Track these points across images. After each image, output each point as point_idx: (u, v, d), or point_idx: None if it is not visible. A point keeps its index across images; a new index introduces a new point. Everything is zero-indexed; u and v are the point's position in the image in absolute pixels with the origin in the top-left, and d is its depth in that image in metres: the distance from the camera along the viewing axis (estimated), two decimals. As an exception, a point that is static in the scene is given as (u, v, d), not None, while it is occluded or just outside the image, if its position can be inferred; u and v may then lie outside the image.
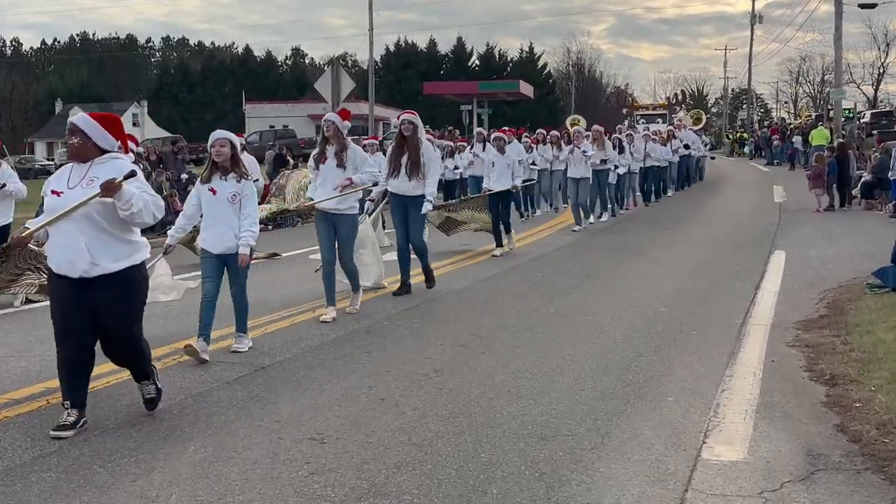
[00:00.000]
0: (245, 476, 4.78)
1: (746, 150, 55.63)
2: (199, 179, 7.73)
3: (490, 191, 13.85)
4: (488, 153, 14.83)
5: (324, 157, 9.23)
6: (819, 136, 34.09)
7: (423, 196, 10.17)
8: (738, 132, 65.76)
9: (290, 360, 7.34)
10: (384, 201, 11.54)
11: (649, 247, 14.76)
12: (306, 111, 65.11)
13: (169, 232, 7.88)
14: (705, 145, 38.58)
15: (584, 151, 17.11)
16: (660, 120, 49.94)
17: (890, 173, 19.13)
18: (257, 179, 13.31)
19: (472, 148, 19.00)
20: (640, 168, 22.70)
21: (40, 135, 77.65)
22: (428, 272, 10.69)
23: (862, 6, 37.29)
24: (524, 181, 17.40)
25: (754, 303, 9.49)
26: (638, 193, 23.20)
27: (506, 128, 24.17)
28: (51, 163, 54.92)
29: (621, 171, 20.25)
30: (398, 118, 10.45)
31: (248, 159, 13.37)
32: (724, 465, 4.87)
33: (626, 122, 54.85)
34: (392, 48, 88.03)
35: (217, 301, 7.54)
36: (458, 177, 21.93)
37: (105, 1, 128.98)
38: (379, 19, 44.91)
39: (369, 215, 11.46)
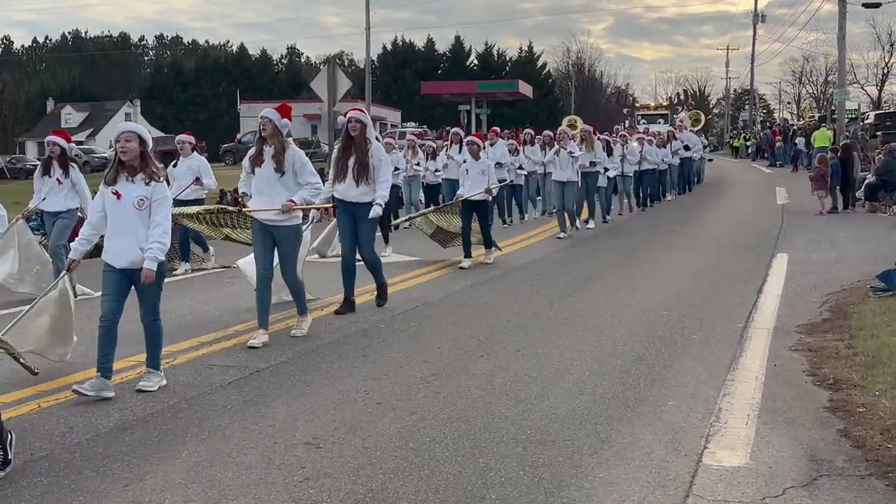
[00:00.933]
0: (239, 481, 4.70)
1: (749, 150, 55.56)
2: (103, 181, 6.55)
3: (462, 198, 12.87)
4: (462, 157, 13.97)
5: (260, 159, 8.19)
6: (822, 137, 33.99)
7: (372, 203, 9.29)
8: (739, 134, 65.65)
9: (285, 364, 7.26)
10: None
11: (651, 249, 14.68)
12: (302, 111, 64.95)
13: (72, 245, 6.73)
14: (705, 147, 38.20)
15: (570, 153, 16.23)
16: (661, 120, 49.91)
17: None
18: (200, 182, 12.67)
19: (447, 149, 18.25)
20: (635, 171, 21.99)
21: (32, 134, 77.47)
22: (381, 287, 9.78)
23: (866, 6, 37.18)
24: (501, 182, 16.89)
25: (756, 306, 9.41)
26: (633, 198, 22.40)
27: (496, 128, 23.92)
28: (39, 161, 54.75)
29: (612, 173, 19.68)
30: (345, 115, 9.45)
31: (199, 160, 12.96)
32: (725, 471, 4.79)
33: (626, 123, 54.86)
34: (389, 47, 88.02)
35: (118, 323, 6.45)
36: (440, 180, 21.09)
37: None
38: (375, 18, 44.92)
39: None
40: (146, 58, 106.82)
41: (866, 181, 21.31)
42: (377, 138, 10.45)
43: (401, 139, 25.79)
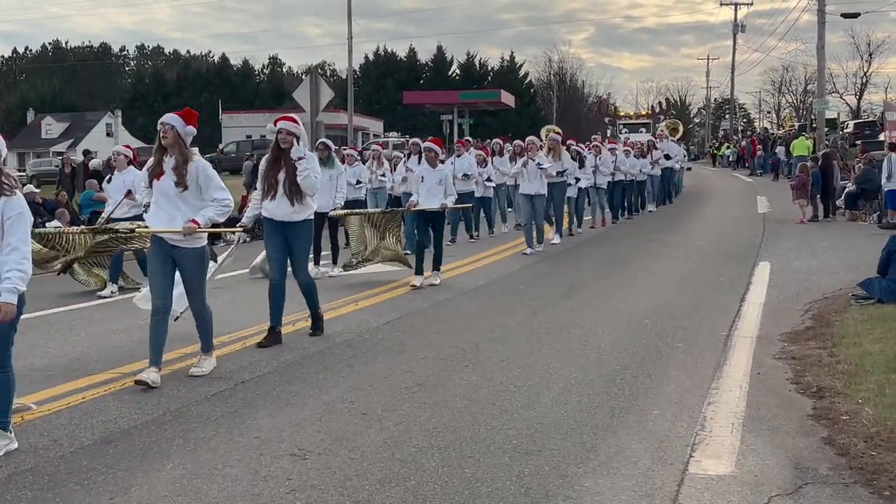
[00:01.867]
0: (225, 493, 4.68)
1: (730, 159, 55.82)
2: None
3: (416, 206, 11.97)
4: (421, 166, 12.85)
5: (159, 171, 7.17)
6: (801, 146, 34.22)
7: (306, 221, 8.54)
8: (722, 143, 66.00)
9: (270, 375, 7.23)
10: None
11: (633, 259, 14.74)
12: (283, 121, 64.87)
13: None
14: (685, 156, 37.94)
15: (538, 164, 15.32)
16: (643, 129, 49.99)
17: (885, 182, 19.00)
18: (133, 197, 11.52)
19: (405, 161, 17.28)
20: (609, 182, 21.10)
21: (12, 145, 76.85)
22: (316, 315, 8.91)
23: (845, 16, 37.59)
24: (467, 194, 16.45)
25: (740, 315, 9.45)
26: (607, 210, 21.34)
27: (468, 139, 23.59)
28: (22, 173, 54.49)
29: (583, 184, 19.02)
30: (274, 124, 8.58)
31: (133, 174, 11.73)
32: (711, 480, 4.80)
33: (609, 132, 54.94)
34: (371, 57, 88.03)
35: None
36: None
37: (75, 9, 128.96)
38: (356, 28, 44.87)
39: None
40: (127, 68, 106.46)
41: (846, 190, 21.50)
42: (346, 149, 10.47)
43: (385, 149, 25.62)
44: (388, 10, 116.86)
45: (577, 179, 18.38)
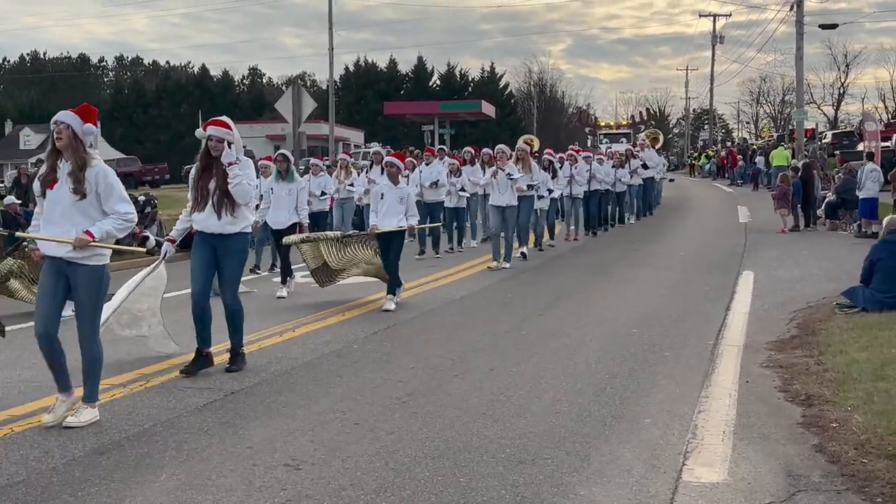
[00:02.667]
0: (219, 504, 4.67)
1: (707, 168, 56.14)
2: None
3: (377, 229, 11.05)
4: (381, 181, 11.96)
5: (53, 178, 6.23)
6: (780, 156, 34.47)
7: (240, 235, 7.67)
8: (702, 152, 66.38)
9: (260, 385, 7.21)
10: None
11: (617, 268, 14.80)
12: (265, 132, 64.86)
13: None
14: (665, 166, 37.71)
15: (508, 175, 14.56)
16: (624, 139, 50.22)
17: (858, 191, 19.33)
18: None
19: (367, 171, 16.70)
20: (585, 192, 20.19)
21: (-11, 155, 76.63)
22: (237, 347, 7.82)
23: (823, 27, 37.94)
24: (435, 204, 16.18)
25: (725, 324, 9.51)
26: (581, 222, 20.56)
27: (442, 147, 22.98)
28: (0, 184, 54.14)
29: (556, 194, 18.18)
30: (203, 129, 7.73)
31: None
32: (705, 487, 4.83)
33: (589, 142, 55.10)
34: (351, 68, 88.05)
35: None
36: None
37: (51, 20, 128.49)
38: (336, 39, 44.84)
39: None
40: (106, 79, 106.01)
41: (826, 200, 21.67)
42: (298, 156, 10.23)
43: (364, 160, 25.53)
44: (368, 21, 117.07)
45: (550, 191, 17.62)
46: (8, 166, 68.91)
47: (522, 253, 15.82)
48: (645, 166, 25.71)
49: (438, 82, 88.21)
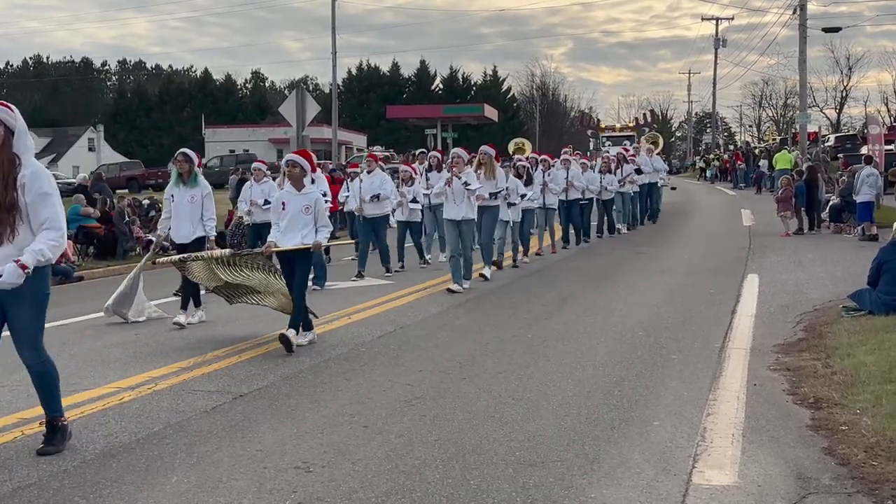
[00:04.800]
0: (230, 507, 4.68)
1: (708, 173, 56.15)
2: None
3: (273, 247, 9.05)
4: (285, 188, 9.57)
5: None
6: (783, 159, 34.46)
7: (37, 274, 5.39)
8: (703, 156, 66.39)
9: (268, 388, 7.23)
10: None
11: (623, 272, 14.80)
12: (267, 135, 65.04)
13: None
14: (667, 172, 35.64)
15: (465, 184, 12.58)
16: (627, 142, 50.23)
17: (854, 195, 19.42)
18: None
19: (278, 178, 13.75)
20: (562, 202, 18.30)
21: (-6, 160, 76.60)
22: (53, 418, 5.71)
23: (826, 30, 37.97)
24: (379, 219, 14.60)
25: (732, 327, 9.51)
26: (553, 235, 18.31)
27: (377, 149, 18.83)
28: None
29: (524, 204, 15.64)
30: None
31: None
32: (715, 490, 4.83)
33: (592, 145, 55.00)
34: (354, 72, 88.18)
35: None
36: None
37: (52, 24, 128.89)
38: (338, 42, 44.91)
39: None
40: (109, 83, 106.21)
41: (830, 203, 21.67)
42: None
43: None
44: (369, 25, 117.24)
45: (523, 196, 15.42)
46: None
47: (482, 275, 13.72)
48: (638, 171, 23.26)
49: (441, 86, 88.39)
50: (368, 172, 15.21)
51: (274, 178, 15.65)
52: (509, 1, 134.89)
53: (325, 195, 12.86)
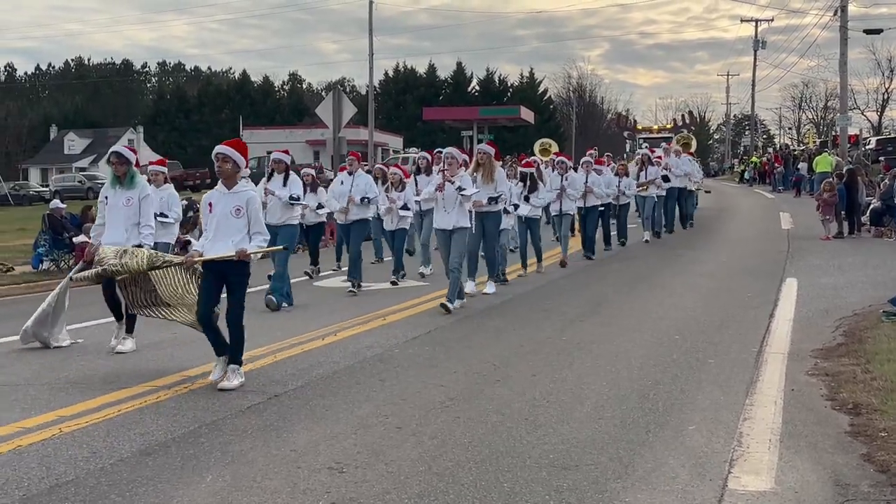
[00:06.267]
0: (264, 506, 4.69)
1: (746, 175, 55.64)
2: None
3: (196, 257, 7.72)
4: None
5: None
6: (824, 162, 34.05)
7: None
8: (742, 159, 65.84)
9: (303, 389, 7.25)
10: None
11: (659, 275, 14.70)
12: (304, 137, 65.36)
13: None
14: (702, 175, 32.53)
15: (459, 188, 11.20)
16: (664, 144, 49.80)
17: (895, 199, 19.12)
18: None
19: (267, 180, 12.53)
20: (581, 208, 17.02)
21: (35, 161, 77.82)
22: None
23: (867, 32, 37.48)
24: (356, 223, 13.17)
25: (769, 331, 9.41)
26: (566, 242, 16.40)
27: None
28: (45, 189, 54.98)
29: (524, 210, 14.28)
30: None
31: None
32: (752, 496, 4.78)
33: (628, 147, 54.60)
34: (391, 73, 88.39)
35: None
36: (324, 219, 15.57)
37: (92, 26, 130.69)
38: (375, 44, 45.09)
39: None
40: (149, 84, 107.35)
41: (871, 206, 21.39)
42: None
43: (404, 164, 24.31)
44: (405, 27, 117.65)
45: (516, 206, 13.86)
46: (53, 171, 70.04)
47: (484, 293, 12.48)
48: (666, 178, 21.25)
49: (477, 88, 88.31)
50: (350, 173, 13.75)
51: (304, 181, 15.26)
52: (545, 3, 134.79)
53: (297, 199, 12.16)
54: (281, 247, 10.39)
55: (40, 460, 5.41)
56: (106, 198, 9.34)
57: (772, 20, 79.03)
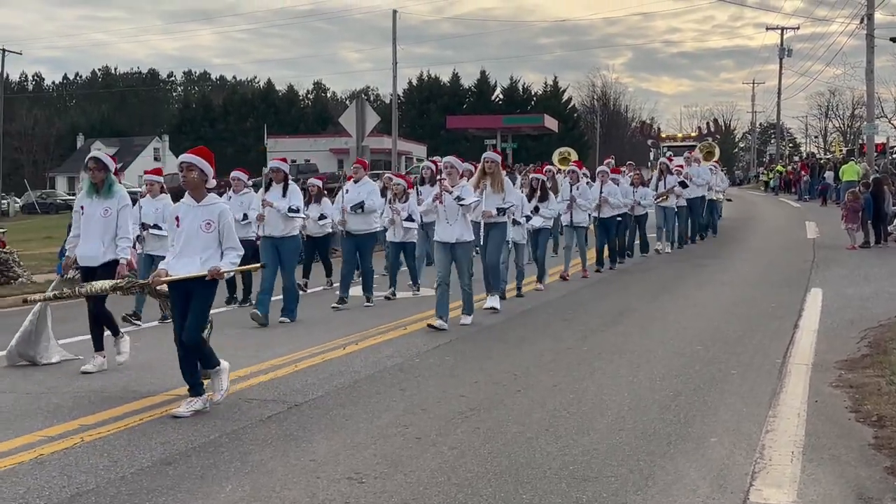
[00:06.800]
0: (283, 516, 4.70)
1: (771, 183, 55.30)
2: None
3: (163, 276, 7.08)
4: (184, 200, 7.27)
5: None
6: (850, 171, 33.81)
7: None
8: (767, 167, 65.43)
9: (323, 398, 7.26)
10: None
11: (682, 285, 14.62)
12: (328, 145, 65.63)
13: None
14: (726, 184, 31.46)
15: (458, 198, 10.57)
16: (686, 153, 49.45)
17: None
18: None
19: (265, 190, 12.17)
20: (597, 218, 16.22)
21: (62, 169, 78.67)
22: None
23: (894, 40, 37.16)
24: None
25: (793, 342, 9.33)
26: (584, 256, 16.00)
27: (363, 160, 15.43)
28: (72, 197, 55.49)
29: (538, 222, 13.74)
30: None
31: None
32: (773, 509, 4.74)
33: (652, 155, 54.31)
34: (415, 82, 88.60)
35: None
36: (328, 230, 14.93)
37: (119, 36, 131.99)
38: (399, 53, 45.19)
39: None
40: (174, 94, 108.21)
41: (898, 215, 21.20)
42: None
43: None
44: (428, 35, 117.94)
45: (528, 217, 13.33)
46: (80, 179, 70.61)
47: (492, 307, 11.69)
48: (683, 184, 20.42)
49: (501, 96, 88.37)
50: (356, 181, 13.16)
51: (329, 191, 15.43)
52: (568, 11, 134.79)
53: (297, 210, 11.62)
54: (258, 265, 9.43)
55: (62, 469, 5.44)
56: (82, 207, 8.74)
57: (797, 28, 78.39)
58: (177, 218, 7.11)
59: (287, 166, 12.40)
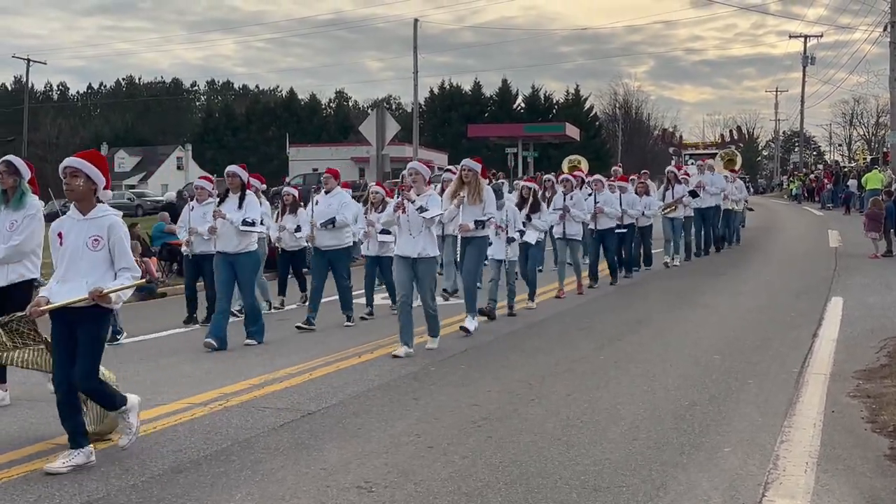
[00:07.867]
0: (291, 525, 4.69)
1: (794, 191, 54.99)
2: None
3: (42, 305, 5.82)
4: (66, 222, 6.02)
5: None
6: (874, 179, 33.54)
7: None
8: (791, 175, 65.06)
9: (336, 407, 7.26)
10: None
11: (700, 293, 14.52)
12: (350, 154, 65.80)
13: None
14: (748, 192, 30.45)
15: (419, 209, 9.53)
16: (700, 161, 49.27)
17: None
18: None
19: (219, 202, 10.94)
20: (593, 230, 15.40)
21: (86, 178, 79.04)
22: None
23: (915, 46, 36.81)
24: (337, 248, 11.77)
25: (812, 351, 9.25)
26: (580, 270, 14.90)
27: (335, 168, 13.49)
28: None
29: (531, 237, 12.95)
30: None
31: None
32: (785, 521, 4.69)
33: (673, 163, 54.10)
34: (436, 90, 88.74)
35: None
36: (304, 243, 13.61)
37: (142, 45, 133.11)
38: (420, 62, 45.31)
39: None
40: (197, 103, 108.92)
41: (921, 224, 20.96)
42: None
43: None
44: (449, 44, 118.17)
45: (521, 232, 12.53)
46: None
47: (463, 327, 10.63)
48: (694, 194, 19.56)
49: (523, 105, 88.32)
50: (326, 192, 12.35)
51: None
52: (589, 20, 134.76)
53: (252, 224, 10.44)
54: (143, 280, 6.43)
55: (73, 477, 5.45)
56: None
57: (821, 36, 78.09)
58: (59, 234, 5.90)
59: (245, 173, 10.88)
